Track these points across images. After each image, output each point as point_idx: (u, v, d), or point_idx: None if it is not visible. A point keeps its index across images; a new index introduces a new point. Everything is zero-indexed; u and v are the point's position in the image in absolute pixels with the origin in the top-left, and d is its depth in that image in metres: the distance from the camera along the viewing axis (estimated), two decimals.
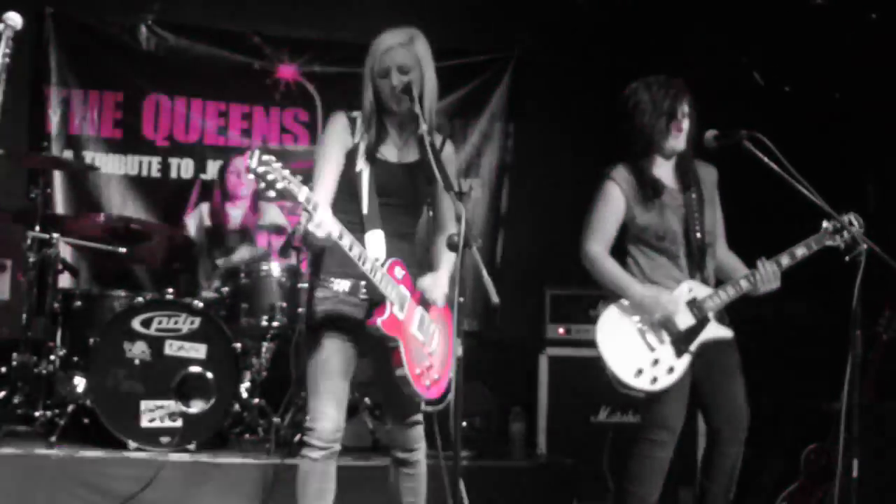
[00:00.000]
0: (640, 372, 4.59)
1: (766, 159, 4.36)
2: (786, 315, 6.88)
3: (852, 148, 6.96)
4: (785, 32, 7.26)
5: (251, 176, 3.58)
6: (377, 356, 4.20)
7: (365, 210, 4.10)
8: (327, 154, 4.13)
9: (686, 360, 4.63)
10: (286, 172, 3.61)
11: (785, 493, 5.75)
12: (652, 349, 4.62)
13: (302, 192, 3.66)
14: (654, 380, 4.59)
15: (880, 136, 6.81)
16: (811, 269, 4.75)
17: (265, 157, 3.58)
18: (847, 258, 4.44)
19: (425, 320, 4.18)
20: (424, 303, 4.20)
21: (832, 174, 5.00)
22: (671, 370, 4.61)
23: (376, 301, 4.03)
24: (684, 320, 4.65)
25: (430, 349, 4.18)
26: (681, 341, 4.63)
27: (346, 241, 3.83)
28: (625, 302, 4.68)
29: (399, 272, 4.08)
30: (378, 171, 4.13)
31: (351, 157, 4.13)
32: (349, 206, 4.11)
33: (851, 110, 7.05)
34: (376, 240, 4.07)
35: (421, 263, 4.28)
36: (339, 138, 4.15)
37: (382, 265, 4.00)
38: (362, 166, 4.12)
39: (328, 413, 4.07)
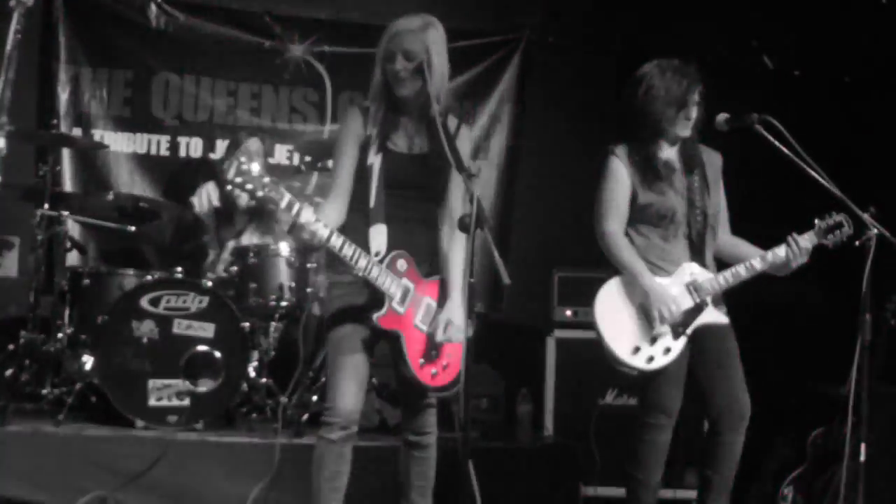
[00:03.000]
0: (637, 350, 4.59)
1: (777, 143, 4.35)
2: (793, 299, 6.86)
3: (861, 132, 6.94)
4: (795, 16, 7.24)
5: (229, 188, 3.63)
6: (388, 343, 4.25)
7: (371, 203, 4.13)
8: (342, 152, 4.20)
9: (682, 342, 4.62)
10: (266, 180, 3.70)
11: (791, 478, 5.75)
12: (652, 327, 4.61)
13: (284, 199, 3.75)
14: (651, 359, 4.59)
15: (891, 120, 6.79)
16: (821, 253, 4.74)
17: (244, 168, 3.65)
18: (857, 242, 4.43)
19: (431, 310, 4.21)
20: (431, 291, 4.23)
21: (841, 159, 4.99)
22: (668, 351, 4.61)
23: (379, 295, 4.08)
24: (684, 302, 4.65)
25: (437, 339, 4.17)
26: (679, 323, 4.62)
27: (337, 242, 3.92)
28: (627, 277, 4.68)
29: (402, 265, 4.13)
30: (388, 163, 4.16)
31: (364, 148, 4.17)
32: (363, 197, 4.16)
33: (861, 94, 7.03)
34: (379, 234, 4.10)
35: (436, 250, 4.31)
36: (352, 132, 4.19)
37: (382, 260, 4.05)
38: (373, 159, 4.14)
39: (349, 389, 4.08)
